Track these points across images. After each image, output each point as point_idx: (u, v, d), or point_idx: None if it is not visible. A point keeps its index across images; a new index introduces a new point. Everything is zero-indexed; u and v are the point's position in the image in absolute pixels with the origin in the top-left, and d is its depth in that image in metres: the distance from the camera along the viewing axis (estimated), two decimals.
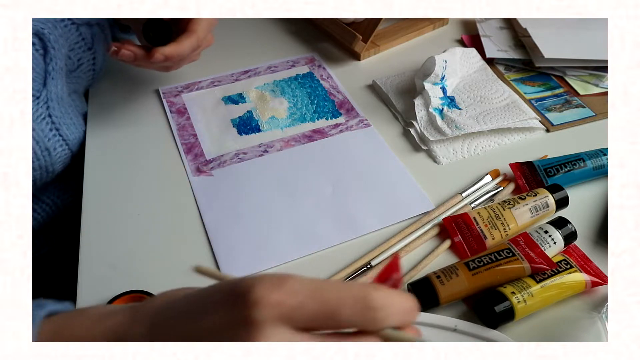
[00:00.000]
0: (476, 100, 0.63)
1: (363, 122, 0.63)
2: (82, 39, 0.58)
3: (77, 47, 0.58)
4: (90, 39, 0.59)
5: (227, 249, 0.49)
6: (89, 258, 0.49)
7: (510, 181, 0.55)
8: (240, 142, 0.61)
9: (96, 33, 0.60)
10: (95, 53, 0.61)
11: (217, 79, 0.69)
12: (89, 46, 0.59)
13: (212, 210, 0.53)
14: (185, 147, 0.60)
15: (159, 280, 0.47)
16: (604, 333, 0.41)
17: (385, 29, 0.75)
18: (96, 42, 0.60)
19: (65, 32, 0.55)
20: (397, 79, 0.68)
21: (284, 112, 0.65)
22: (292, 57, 0.73)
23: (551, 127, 0.61)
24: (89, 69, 0.62)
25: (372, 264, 0.47)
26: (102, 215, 0.52)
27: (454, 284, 0.43)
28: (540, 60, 0.67)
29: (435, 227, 0.51)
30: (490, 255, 0.44)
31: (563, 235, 0.46)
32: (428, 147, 0.59)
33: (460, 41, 0.76)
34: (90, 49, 0.60)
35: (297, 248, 0.49)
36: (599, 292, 0.45)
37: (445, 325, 0.41)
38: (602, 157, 0.54)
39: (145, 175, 0.56)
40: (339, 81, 0.69)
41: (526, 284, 0.42)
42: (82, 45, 0.58)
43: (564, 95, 0.65)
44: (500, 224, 0.48)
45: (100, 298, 0.44)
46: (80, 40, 0.58)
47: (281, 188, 0.55)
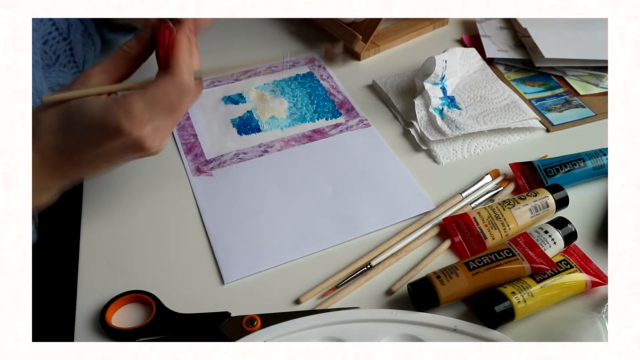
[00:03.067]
0: (476, 100, 0.63)
1: (363, 122, 0.63)
2: (55, 28, 0.56)
3: (50, 37, 0.55)
4: (65, 28, 0.57)
5: (227, 248, 0.49)
6: (89, 258, 0.49)
7: (510, 181, 0.55)
8: (240, 142, 0.61)
9: (73, 23, 0.58)
10: (72, 44, 0.59)
11: (217, 79, 0.69)
12: (64, 36, 0.57)
13: (212, 210, 0.53)
14: (185, 147, 0.60)
15: (159, 280, 0.47)
16: (604, 333, 0.41)
17: (385, 29, 0.75)
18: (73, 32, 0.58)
19: (37, 22, 0.53)
20: (397, 79, 0.68)
21: (284, 112, 0.65)
22: (292, 57, 0.73)
23: (551, 127, 0.61)
24: (68, 60, 0.59)
25: (372, 264, 0.47)
26: (102, 215, 0.52)
27: (454, 284, 0.43)
28: (540, 60, 0.67)
29: (435, 227, 0.51)
30: (490, 255, 0.44)
31: (563, 235, 0.46)
32: (428, 147, 0.59)
33: (460, 41, 0.76)
34: (66, 39, 0.58)
35: (297, 248, 0.49)
36: (599, 292, 0.45)
37: (445, 325, 0.41)
38: (602, 157, 0.54)
39: (145, 175, 0.56)
40: (339, 81, 0.69)
41: (526, 284, 0.42)
42: (57, 36, 0.56)
43: (564, 95, 0.65)
44: (500, 224, 0.48)
45: (100, 298, 0.44)
46: (54, 30, 0.56)
47: (281, 188, 0.55)
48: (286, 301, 0.45)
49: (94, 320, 0.43)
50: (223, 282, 0.47)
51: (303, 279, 0.47)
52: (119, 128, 0.38)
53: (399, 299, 0.45)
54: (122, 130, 0.38)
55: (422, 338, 0.41)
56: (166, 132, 0.42)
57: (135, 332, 0.42)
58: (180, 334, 0.42)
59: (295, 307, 0.45)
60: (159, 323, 0.42)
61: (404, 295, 0.45)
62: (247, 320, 0.42)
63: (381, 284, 0.46)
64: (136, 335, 0.42)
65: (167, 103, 0.40)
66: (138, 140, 0.39)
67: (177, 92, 0.40)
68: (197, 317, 0.43)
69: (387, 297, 0.45)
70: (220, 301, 0.45)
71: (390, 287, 0.46)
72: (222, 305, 0.44)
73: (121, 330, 0.42)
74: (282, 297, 0.45)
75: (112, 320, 0.43)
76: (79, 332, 0.43)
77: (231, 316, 0.43)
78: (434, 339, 0.40)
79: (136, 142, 0.40)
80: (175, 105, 0.41)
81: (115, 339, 0.42)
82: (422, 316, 0.42)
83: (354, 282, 0.46)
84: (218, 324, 0.42)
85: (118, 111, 0.38)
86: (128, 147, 0.40)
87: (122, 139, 0.39)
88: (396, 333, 0.41)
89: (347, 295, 0.46)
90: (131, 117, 0.38)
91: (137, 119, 0.38)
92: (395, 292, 0.46)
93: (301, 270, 0.47)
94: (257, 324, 0.42)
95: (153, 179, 0.56)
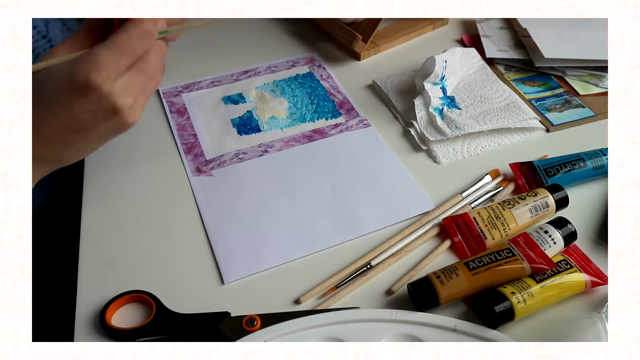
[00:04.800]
0: (476, 100, 0.63)
1: (363, 122, 0.63)
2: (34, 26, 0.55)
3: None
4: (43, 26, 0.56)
5: (227, 248, 0.49)
6: (89, 258, 0.49)
7: (510, 181, 0.55)
8: (240, 142, 0.61)
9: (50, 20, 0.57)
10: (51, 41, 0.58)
11: (217, 79, 0.69)
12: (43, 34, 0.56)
13: (212, 210, 0.53)
14: (185, 147, 0.60)
15: (159, 280, 0.47)
16: (604, 333, 0.41)
17: (385, 29, 0.75)
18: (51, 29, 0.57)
19: None
20: (397, 79, 0.68)
21: (284, 112, 0.65)
22: (292, 57, 0.73)
23: (551, 127, 0.61)
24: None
25: (372, 264, 0.47)
26: (102, 215, 0.52)
27: (454, 284, 0.43)
28: (540, 60, 0.67)
29: (435, 227, 0.51)
30: (490, 255, 0.44)
31: (563, 235, 0.46)
32: (428, 147, 0.59)
33: (460, 41, 0.76)
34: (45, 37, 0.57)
35: (297, 248, 0.49)
36: (599, 292, 0.45)
37: (445, 325, 0.41)
38: (602, 157, 0.54)
39: (145, 174, 0.57)
40: (339, 81, 0.69)
41: (526, 284, 0.42)
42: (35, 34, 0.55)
43: (564, 95, 0.65)
44: (500, 224, 0.48)
45: (100, 298, 0.44)
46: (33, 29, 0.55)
47: (281, 188, 0.55)
48: (286, 301, 0.45)
49: (94, 320, 0.43)
50: (223, 282, 0.47)
51: (303, 279, 0.47)
52: (87, 81, 0.37)
53: (398, 299, 0.45)
54: (91, 83, 0.37)
55: (422, 338, 0.41)
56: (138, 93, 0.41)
57: (135, 332, 0.42)
58: (180, 334, 0.42)
59: (295, 307, 0.45)
60: (159, 323, 0.43)
61: (404, 295, 0.45)
62: (247, 320, 0.42)
63: (381, 284, 0.46)
64: (136, 335, 0.42)
65: (132, 49, 0.39)
66: (109, 97, 0.38)
67: (139, 37, 0.39)
68: (197, 317, 0.43)
69: (387, 297, 0.46)
70: (220, 301, 0.45)
71: (390, 287, 0.46)
72: (222, 305, 0.44)
73: (121, 330, 0.42)
74: (282, 297, 0.45)
75: (112, 320, 0.43)
76: (79, 332, 0.43)
77: (231, 316, 0.43)
78: (433, 339, 0.40)
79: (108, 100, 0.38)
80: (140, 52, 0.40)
81: (115, 339, 0.42)
82: (422, 316, 0.42)
83: (354, 282, 0.46)
84: (218, 324, 0.42)
85: (84, 64, 0.37)
86: (100, 109, 0.39)
87: (92, 96, 0.38)
88: (396, 333, 0.41)
89: (347, 295, 0.46)
90: (98, 67, 0.37)
91: (104, 68, 0.37)
92: (395, 292, 0.46)
93: (301, 270, 0.47)
94: (257, 324, 0.42)
95: (153, 179, 0.56)
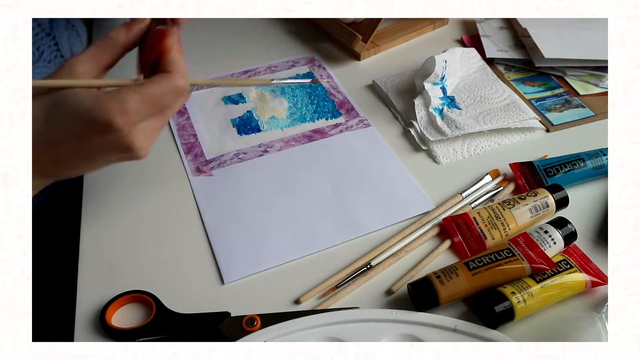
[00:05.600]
0: (476, 100, 0.63)
1: (363, 122, 0.63)
2: (38, 24, 0.54)
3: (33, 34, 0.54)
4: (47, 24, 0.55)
5: (227, 248, 0.49)
6: (89, 258, 0.49)
7: (510, 181, 0.55)
8: (240, 142, 0.61)
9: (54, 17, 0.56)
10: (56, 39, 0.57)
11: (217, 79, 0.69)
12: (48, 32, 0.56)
13: (212, 210, 0.53)
14: (185, 147, 0.60)
15: (159, 280, 0.47)
16: (604, 333, 0.41)
17: (385, 29, 0.75)
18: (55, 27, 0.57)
19: None
20: (397, 79, 0.68)
21: (284, 112, 0.65)
22: (292, 57, 0.73)
23: (551, 127, 0.61)
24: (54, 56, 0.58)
25: (372, 264, 0.47)
26: (102, 215, 0.52)
27: (454, 284, 0.43)
28: (540, 60, 0.67)
29: (435, 227, 0.51)
30: (490, 255, 0.44)
31: (563, 235, 0.46)
32: (428, 147, 0.59)
33: (460, 41, 0.76)
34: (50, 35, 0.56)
35: (297, 248, 0.49)
36: (599, 292, 0.45)
37: (445, 325, 0.41)
38: (602, 157, 0.54)
39: (145, 175, 0.56)
40: (338, 81, 0.69)
41: (526, 284, 0.42)
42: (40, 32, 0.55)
43: (564, 95, 0.65)
44: (500, 224, 0.48)
45: (100, 298, 0.44)
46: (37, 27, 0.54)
47: (281, 188, 0.55)
48: (286, 301, 0.45)
49: (94, 320, 0.43)
50: (223, 282, 0.47)
51: (303, 279, 0.47)
52: (110, 122, 0.36)
53: (398, 299, 0.45)
54: (113, 125, 0.36)
55: (422, 338, 0.41)
56: (154, 135, 0.41)
57: (135, 332, 0.42)
58: (180, 334, 0.42)
59: (295, 307, 0.45)
60: (159, 323, 0.43)
61: (404, 295, 0.45)
62: (247, 320, 0.42)
63: (381, 284, 0.46)
64: (136, 335, 0.42)
65: (162, 103, 0.39)
66: (128, 139, 0.37)
67: (173, 93, 0.39)
68: (197, 317, 0.43)
69: (387, 297, 0.45)
70: (220, 301, 0.45)
71: (390, 287, 0.46)
72: (222, 305, 0.44)
73: (121, 330, 0.42)
74: (282, 297, 0.45)
75: (112, 320, 0.43)
76: (79, 332, 0.43)
77: (231, 316, 0.43)
78: (434, 339, 0.40)
79: (125, 141, 0.38)
80: (169, 106, 0.40)
81: (115, 339, 0.42)
82: (422, 316, 0.42)
83: (354, 282, 0.46)
84: (218, 324, 0.42)
85: (111, 104, 0.36)
86: (114, 145, 0.38)
87: (110, 135, 0.37)
88: (396, 333, 0.41)
89: (347, 295, 0.46)
90: (125, 112, 0.36)
91: (131, 115, 0.37)
92: (395, 292, 0.46)
93: (301, 270, 0.47)
94: (257, 324, 0.42)
95: (153, 179, 0.56)
